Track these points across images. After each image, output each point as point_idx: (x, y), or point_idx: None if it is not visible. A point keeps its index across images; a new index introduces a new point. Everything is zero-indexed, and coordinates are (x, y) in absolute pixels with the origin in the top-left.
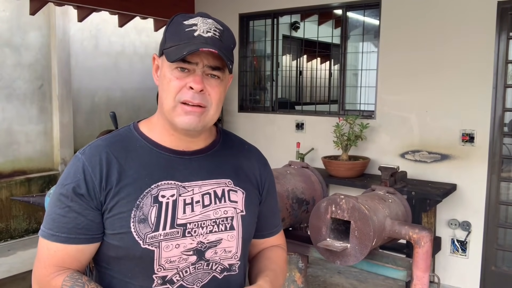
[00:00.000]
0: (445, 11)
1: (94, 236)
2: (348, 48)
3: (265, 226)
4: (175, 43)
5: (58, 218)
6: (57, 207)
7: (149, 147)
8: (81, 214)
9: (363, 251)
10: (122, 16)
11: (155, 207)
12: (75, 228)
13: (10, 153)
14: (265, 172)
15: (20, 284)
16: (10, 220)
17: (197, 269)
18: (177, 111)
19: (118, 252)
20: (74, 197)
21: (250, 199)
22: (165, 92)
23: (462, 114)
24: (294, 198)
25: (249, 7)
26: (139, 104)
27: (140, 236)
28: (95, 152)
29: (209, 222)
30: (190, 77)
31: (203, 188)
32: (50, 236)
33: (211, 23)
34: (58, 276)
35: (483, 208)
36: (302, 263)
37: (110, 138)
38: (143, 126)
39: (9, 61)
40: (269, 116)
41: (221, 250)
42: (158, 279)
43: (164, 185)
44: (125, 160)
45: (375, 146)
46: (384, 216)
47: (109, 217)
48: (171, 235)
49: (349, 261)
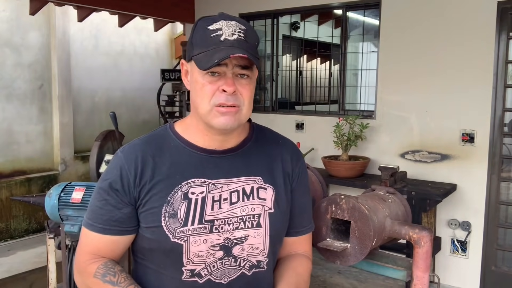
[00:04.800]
0: (445, 11)
1: (126, 229)
2: (348, 48)
3: (291, 224)
4: (203, 50)
5: (96, 210)
6: (96, 199)
7: (182, 146)
8: (116, 208)
9: (363, 251)
10: (122, 16)
11: (185, 203)
12: (110, 220)
13: (10, 153)
14: (297, 167)
15: (20, 284)
16: (10, 220)
17: (225, 264)
18: (213, 114)
19: (151, 244)
20: (110, 191)
21: (280, 196)
22: (199, 97)
23: (462, 114)
24: None
25: (249, 7)
26: (139, 104)
27: (170, 230)
28: (132, 151)
29: (235, 219)
30: (222, 80)
31: (232, 185)
32: (89, 226)
33: (235, 25)
34: (93, 263)
35: (483, 208)
36: None
37: (147, 138)
38: (178, 126)
39: (9, 61)
40: (269, 116)
41: (248, 246)
42: (187, 271)
43: (194, 183)
44: (159, 158)
45: (375, 146)
46: (384, 216)
47: (143, 211)
48: (199, 230)
49: (349, 261)
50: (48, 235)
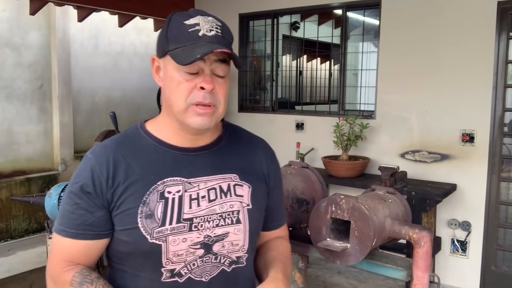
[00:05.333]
0: (445, 11)
1: (100, 233)
2: (348, 48)
3: (271, 219)
4: (181, 45)
5: (68, 215)
6: (67, 204)
7: (154, 145)
8: (88, 211)
9: (363, 251)
10: (122, 16)
11: (161, 203)
12: (83, 224)
13: (10, 153)
14: (272, 165)
15: (20, 284)
16: (10, 220)
17: (205, 262)
18: (190, 113)
19: (127, 247)
20: (82, 195)
21: (256, 193)
22: (175, 95)
23: (462, 114)
24: (294, 198)
25: (249, 7)
26: (139, 104)
27: (147, 231)
28: (103, 152)
29: (215, 216)
30: (200, 77)
31: (209, 183)
32: (61, 231)
33: (212, 21)
34: (68, 271)
35: (483, 208)
36: (302, 263)
37: (118, 138)
38: (150, 125)
39: (9, 61)
40: (269, 116)
41: (228, 243)
42: (167, 272)
43: (170, 182)
44: (132, 159)
45: (375, 146)
46: (384, 216)
47: (118, 213)
48: (177, 229)
49: (349, 261)
50: (48, 235)
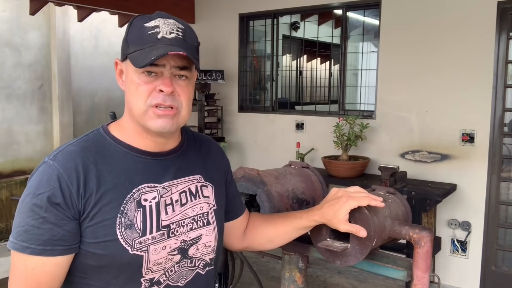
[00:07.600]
0: (445, 11)
1: (70, 247)
2: (348, 48)
3: (236, 206)
4: (139, 47)
5: (31, 230)
6: (30, 218)
7: (124, 151)
8: (56, 225)
9: (363, 251)
10: (122, 16)
11: (140, 211)
12: (51, 239)
13: (10, 153)
14: (225, 160)
15: None
16: (10, 220)
17: (181, 267)
18: (149, 115)
19: (100, 261)
20: (49, 207)
21: (218, 192)
22: (134, 98)
23: (462, 114)
24: (294, 198)
25: (249, 7)
26: None
27: (128, 243)
28: (69, 158)
29: (188, 220)
30: (159, 80)
31: (179, 186)
32: (24, 249)
33: (173, 23)
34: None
35: (483, 208)
36: (302, 263)
37: (82, 143)
38: (114, 129)
39: (9, 61)
40: (269, 116)
41: (202, 246)
42: (146, 281)
43: (145, 189)
44: (102, 165)
45: (375, 146)
46: (384, 216)
47: (91, 225)
48: (158, 237)
49: (349, 261)
50: None
